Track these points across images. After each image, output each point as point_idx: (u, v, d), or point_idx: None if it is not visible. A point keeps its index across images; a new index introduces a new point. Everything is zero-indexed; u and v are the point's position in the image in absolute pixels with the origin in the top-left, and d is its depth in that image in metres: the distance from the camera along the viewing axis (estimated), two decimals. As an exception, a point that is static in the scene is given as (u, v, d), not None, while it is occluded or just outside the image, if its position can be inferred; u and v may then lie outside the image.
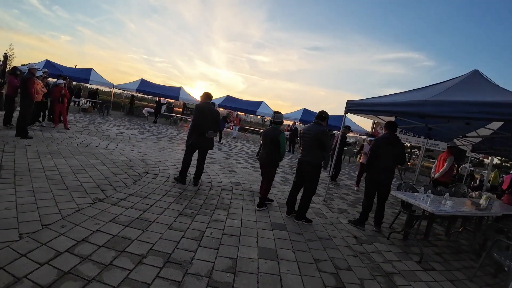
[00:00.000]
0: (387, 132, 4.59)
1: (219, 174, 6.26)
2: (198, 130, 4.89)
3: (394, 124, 4.68)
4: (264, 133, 4.51)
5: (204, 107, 4.96)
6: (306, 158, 4.11)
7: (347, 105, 5.60)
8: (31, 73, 6.62)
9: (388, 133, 4.56)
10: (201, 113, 4.90)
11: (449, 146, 6.44)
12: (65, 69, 15.89)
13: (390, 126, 4.62)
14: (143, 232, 2.99)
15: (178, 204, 3.96)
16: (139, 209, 3.55)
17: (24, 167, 4.43)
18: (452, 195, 5.74)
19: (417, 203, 3.79)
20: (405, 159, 4.62)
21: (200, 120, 4.87)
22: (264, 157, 4.38)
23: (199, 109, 4.97)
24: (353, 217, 4.85)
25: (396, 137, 4.58)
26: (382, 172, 4.39)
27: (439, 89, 4.70)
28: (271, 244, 3.26)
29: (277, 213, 4.37)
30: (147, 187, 4.47)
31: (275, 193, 5.52)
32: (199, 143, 4.98)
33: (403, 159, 4.53)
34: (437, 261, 3.68)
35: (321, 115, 4.20)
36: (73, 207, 3.29)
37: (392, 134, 4.56)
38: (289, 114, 18.27)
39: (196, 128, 4.90)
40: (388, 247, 3.85)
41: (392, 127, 4.62)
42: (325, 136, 4.03)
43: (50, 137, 7.04)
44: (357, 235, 4.07)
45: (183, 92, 18.97)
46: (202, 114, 4.88)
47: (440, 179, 6.26)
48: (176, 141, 10.50)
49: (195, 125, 4.91)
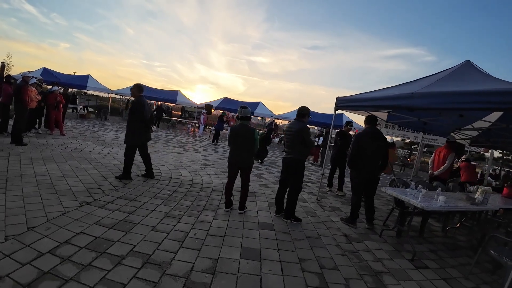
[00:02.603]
0: (368, 126, 4.61)
1: (211, 175, 6.28)
2: (146, 126, 5.00)
3: (373, 117, 4.72)
4: (234, 131, 4.11)
5: (143, 101, 4.99)
6: (289, 155, 4.12)
7: (337, 101, 5.59)
8: (25, 80, 6.69)
9: (370, 128, 4.57)
10: (144, 108, 4.90)
11: (448, 141, 6.41)
12: (63, 76, 16.01)
13: (369, 120, 4.64)
14: (126, 234, 3.00)
15: (165, 206, 3.98)
16: (125, 211, 3.57)
17: (16, 173, 4.48)
18: (449, 190, 5.71)
19: (407, 199, 3.72)
20: (387, 158, 4.58)
21: (146, 116, 4.93)
22: (242, 157, 4.07)
23: (140, 104, 4.91)
24: (346, 215, 4.81)
25: (378, 131, 4.59)
26: (367, 168, 4.39)
27: (429, 81, 4.66)
28: (255, 244, 3.25)
29: (266, 213, 4.37)
30: (136, 190, 4.49)
31: (267, 193, 5.52)
32: (147, 139, 5.10)
33: (385, 157, 4.51)
34: (431, 259, 3.61)
35: (300, 112, 4.21)
36: (60, 211, 3.33)
37: (373, 128, 4.58)
38: (287, 114, 18.31)
39: (144, 124, 4.99)
40: (380, 245, 3.80)
41: (372, 121, 4.64)
42: (305, 132, 4.03)
43: (45, 143, 7.09)
44: (347, 234, 4.04)
45: (180, 95, 19.04)
46: (144, 109, 4.92)
47: (439, 175, 6.24)
48: (172, 144, 10.54)
49: (141, 121, 4.92)
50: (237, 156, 4.08)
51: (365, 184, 4.45)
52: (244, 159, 4.09)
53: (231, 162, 4.14)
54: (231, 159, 4.13)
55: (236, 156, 4.09)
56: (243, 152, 4.07)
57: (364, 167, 4.39)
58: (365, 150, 4.37)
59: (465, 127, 7.08)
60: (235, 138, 4.09)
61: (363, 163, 4.39)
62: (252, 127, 4.16)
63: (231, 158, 4.13)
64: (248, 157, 4.11)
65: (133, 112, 4.92)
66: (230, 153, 4.16)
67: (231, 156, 4.14)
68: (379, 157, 4.47)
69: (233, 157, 4.11)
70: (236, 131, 4.10)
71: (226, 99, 19.45)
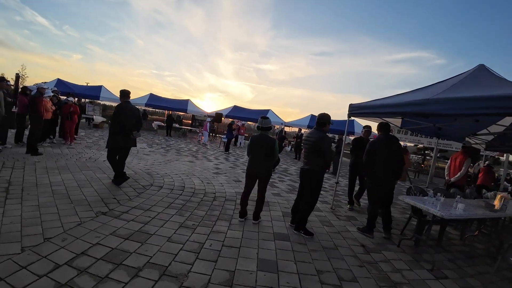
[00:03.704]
0: (381, 133, 4.53)
1: (224, 184, 6.25)
2: (123, 131, 4.97)
3: (386, 124, 4.63)
4: (255, 141, 4.08)
5: (125, 106, 5.01)
6: (306, 166, 3.99)
7: (350, 108, 5.53)
8: (40, 92, 6.87)
9: (383, 135, 4.49)
10: (123, 113, 4.93)
11: (464, 146, 6.26)
12: (76, 87, 16.41)
13: (382, 127, 4.56)
14: (142, 244, 2.98)
15: (179, 216, 3.95)
16: (140, 222, 3.56)
17: (31, 182, 4.54)
18: (466, 197, 5.53)
19: (426, 207, 3.63)
20: (402, 164, 4.44)
21: (124, 121, 4.93)
22: (261, 167, 4.03)
23: (120, 109, 4.97)
24: (362, 224, 4.71)
25: (391, 137, 4.51)
26: (382, 175, 4.29)
27: (443, 86, 4.58)
28: (271, 255, 3.18)
29: (281, 222, 4.30)
30: (150, 199, 4.49)
31: (281, 202, 5.44)
32: (125, 143, 5.07)
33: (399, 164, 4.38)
34: (450, 268, 3.50)
35: (320, 121, 3.99)
36: (76, 221, 3.33)
37: (387, 135, 4.50)
38: (296, 121, 18.27)
39: (121, 129, 4.96)
40: (398, 255, 3.69)
41: (384, 128, 4.56)
42: (325, 142, 3.85)
43: (59, 153, 7.21)
44: (364, 244, 3.93)
45: (191, 104, 19.27)
46: (124, 114, 4.93)
47: (456, 182, 6.07)
48: (183, 152, 10.58)
49: (120, 127, 4.94)
50: (256, 166, 4.06)
51: (380, 192, 4.34)
52: (263, 169, 4.05)
53: (249, 171, 4.12)
54: (249, 169, 4.11)
55: (255, 166, 4.07)
56: (262, 162, 4.04)
57: (379, 175, 4.29)
58: (379, 157, 4.29)
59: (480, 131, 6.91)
60: (255, 147, 4.07)
61: (377, 170, 4.29)
62: (272, 138, 4.13)
63: (249, 167, 4.11)
64: (267, 167, 4.07)
65: (112, 115, 5.18)
66: (249, 162, 4.14)
67: (249, 166, 4.12)
68: (393, 164, 4.35)
69: (252, 167, 4.08)
70: (256, 141, 4.08)
71: (236, 107, 19.56)
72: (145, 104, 18.52)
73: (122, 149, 5.13)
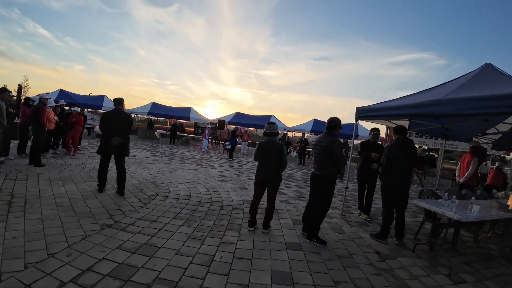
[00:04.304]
0: (399, 136, 4.42)
1: (230, 192, 6.12)
2: (104, 136, 5.02)
3: (403, 127, 4.53)
4: (263, 147, 3.95)
5: (111, 112, 5.08)
6: (317, 172, 3.87)
7: (357, 112, 5.42)
8: (42, 102, 6.82)
9: (401, 137, 4.40)
10: (106, 119, 5.02)
11: (472, 146, 6.15)
12: (79, 97, 16.46)
13: (400, 130, 4.46)
14: (150, 258, 2.85)
15: (187, 227, 3.82)
16: (147, 234, 3.43)
17: (35, 194, 4.44)
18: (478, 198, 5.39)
19: (442, 211, 3.52)
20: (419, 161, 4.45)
21: (106, 126, 4.98)
22: (270, 174, 3.89)
23: (103, 115, 5.19)
24: (374, 230, 4.59)
25: (408, 140, 4.45)
26: (400, 179, 4.18)
27: (451, 86, 4.50)
28: (285, 266, 3.04)
29: (291, 231, 4.15)
30: (157, 210, 4.37)
31: (289, 209, 5.30)
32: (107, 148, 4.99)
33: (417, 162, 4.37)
34: (467, 272, 3.41)
35: (330, 125, 3.91)
36: (81, 234, 3.22)
37: (405, 137, 4.42)
38: (299, 126, 18.17)
39: (102, 134, 5.07)
40: (414, 261, 3.57)
41: (402, 131, 4.46)
42: (336, 146, 3.73)
43: (63, 163, 7.13)
44: (379, 251, 3.79)
45: (193, 112, 19.27)
46: (107, 120, 4.99)
47: (466, 182, 5.94)
48: (187, 160, 10.48)
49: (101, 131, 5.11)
50: (264, 173, 3.93)
51: (397, 197, 4.21)
52: (272, 176, 3.90)
53: (258, 179, 3.99)
54: (258, 176, 3.98)
55: (263, 173, 3.93)
56: (270, 169, 3.90)
57: (397, 179, 4.17)
58: (398, 161, 4.17)
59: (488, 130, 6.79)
60: (263, 154, 3.95)
61: (396, 174, 4.18)
62: (280, 143, 3.99)
63: (258, 174, 3.98)
64: (276, 174, 3.92)
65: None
66: (257, 169, 4.01)
67: (258, 173, 3.99)
68: (410, 167, 4.27)
69: (260, 174, 3.95)
70: (263, 147, 3.95)
71: (238, 114, 19.53)
72: (148, 113, 18.54)
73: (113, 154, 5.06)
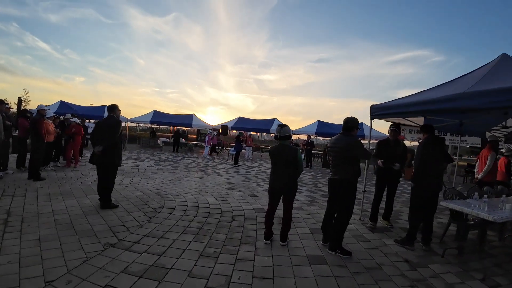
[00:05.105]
0: (428, 135, 4.11)
1: (240, 200, 5.78)
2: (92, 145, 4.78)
3: (431, 125, 4.22)
4: (275, 152, 3.62)
5: (102, 120, 4.88)
6: (336, 176, 3.52)
7: (372, 110, 5.05)
8: (40, 114, 6.54)
9: (430, 136, 4.09)
10: (96, 127, 4.86)
11: (490, 141, 5.84)
12: (80, 108, 16.25)
13: (429, 129, 4.15)
14: (159, 283, 2.51)
15: (198, 243, 3.47)
16: (154, 253, 3.09)
17: (33, 212, 4.16)
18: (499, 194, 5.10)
19: (475, 212, 3.24)
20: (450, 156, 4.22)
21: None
22: (284, 182, 3.53)
23: (96, 124, 5.10)
24: (398, 235, 4.29)
25: (438, 137, 4.24)
26: (434, 180, 3.89)
27: (472, 79, 4.22)
28: (312, 284, 2.69)
29: (311, 241, 3.80)
30: (163, 224, 4.03)
31: (304, 216, 4.96)
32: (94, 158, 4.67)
33: (449, 157, 4.22)
34: (500, 274, 3.18)
35: (347, 125, 3.53)
36: (81, 257, 2.89)
37: (433, 136, 4.14)
38: (303, 128, 17.82)
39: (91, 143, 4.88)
40: (446, 267, 3.27)
41: (431, 129, 4.16)
42: (356, 146, 3.39)
43: (64, 176, 6.84)
44: (408, 259, 3.46)
45: (195, 119, 19.01)
46: (96, 128, 4.81)
47: (484, 179, 5.63)
48: (192, 168, 10.17)
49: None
50: (278, 181, 3.57)
51: (431, 200, 3.91)
52: (287, 184, 3.54)
53: (272, 187, 3.63)
54: (272, 185, 3.63)
55: (277, 181, 3.58)
56: (284, 177, 3.54)
57: (432, 180, 3.88)
58: (434, 161, 3.90)
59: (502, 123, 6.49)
60: (275, 160, 3.61)
61: (431, 175, 3.87)
62: (294, 147, 3.62)
63: (272, 183, 3.63)
64: (291, 182, 3.56)
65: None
66: (270, 177, 3.67)
67: (271, 181, 3.64)
68: (443, 165, 3.96)
69: (274, 182, 3.60)
70: (275, 152, 3.61)
71: (241, 119, 19.23)
72: (150, 121, 18.31)
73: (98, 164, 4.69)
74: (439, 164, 4.01)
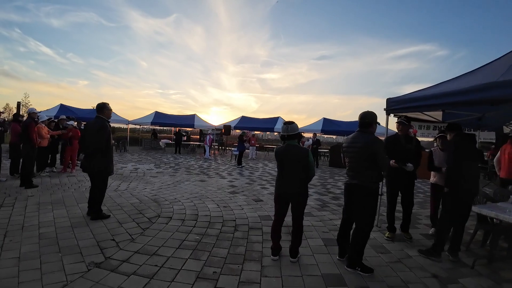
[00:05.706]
0: (458, 132, 3.70)
1: (243, 206, 5.33)
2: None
3: (458, 123, 3.84)
4: (282, 153, 3.14)
5: (89, 123, 4.39)
6: (354, 181, 3.01)
7: (388, 104, 4.50)
8: (31, 117, 6.16)
9: (461, 133, 3.70)
10: (84, 130, 4.50)
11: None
12: (81, 111, 15.95)
13: (456, 127, 3.75)
14: (146, 317, 2.09)
15: (195, 261, 3.03)
16: (144, 275, 2.67)
17: (18, 224, 3.81)
18: None
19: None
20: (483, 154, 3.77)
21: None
22: (292, 188, 3.09)
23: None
24: (420, 243, 3.87)
25: (469, 134, 3.94)
26: (474, 183, 3.49)
27: (498, 68, 3.76)
28: (330, 315, 2.25)
29: (325, 256, 3.34)
30: (157, 237, 3.61)
31: (315, 224, 4.50)
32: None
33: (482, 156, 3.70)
34: None
35: (363, 121, 3.04)
36: (61, 281, 2.50)
37: (465, 133, 3.77)
38: (308, 126, 17.32)
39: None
40: (477, 281, 2.91)
41: (459, 127, 3.75)
42: (377, 146, 2.88)
43: (58, 183, 6.47)
44: (436, 273, 3.03)
45: (197, 119, 18.67)
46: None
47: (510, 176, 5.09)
48: (194, 171, 9.76)
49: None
50: (285, 187, 3.11)
51: (468, 206, 3.48)
52: (296, 190, 3.07)
53: (278, 194, 3.17)
54: (278, 191, 3.17)
55: (284, 187, 3.12)
56: (294, 181, 3.06)
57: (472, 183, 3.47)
58: (469, 161, 3.44)
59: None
60: (282, 163, 3.14)
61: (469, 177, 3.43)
62: (304, 148, 3.15)
63: (278, 188, 3.17)
64: (301, 188, 3.09)
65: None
66: (277, 182, 3.20)
67: (278, 187, 3.17)
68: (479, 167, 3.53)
69: (281, 188, 3.13)
70: (281, 154, 3.14)
71: (244, 118, 18.82)
72: (151, 122, 18.00)
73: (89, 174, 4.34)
74: (475, 164, 3.58)
